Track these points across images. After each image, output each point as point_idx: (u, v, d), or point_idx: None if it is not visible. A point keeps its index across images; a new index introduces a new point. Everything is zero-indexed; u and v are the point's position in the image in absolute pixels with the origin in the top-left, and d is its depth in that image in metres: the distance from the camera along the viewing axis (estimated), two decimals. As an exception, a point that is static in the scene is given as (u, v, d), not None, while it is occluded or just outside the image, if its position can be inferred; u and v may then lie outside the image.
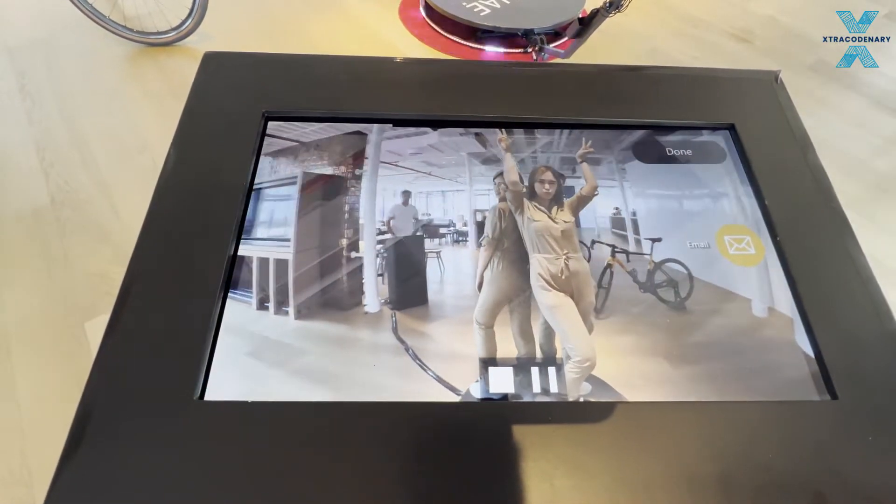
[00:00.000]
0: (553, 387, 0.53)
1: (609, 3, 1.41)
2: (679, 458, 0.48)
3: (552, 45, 1.78)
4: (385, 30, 1.93)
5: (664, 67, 1.13)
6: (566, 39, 1.85)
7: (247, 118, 0.69)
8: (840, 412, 0.51)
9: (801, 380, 0.54)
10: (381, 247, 0.62)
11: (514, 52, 1.88)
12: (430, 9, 1.92)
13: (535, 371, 0.54)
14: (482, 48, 1.88)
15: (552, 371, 0.54)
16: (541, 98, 0.75)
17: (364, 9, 2.00)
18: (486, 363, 0.55)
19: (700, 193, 0.68)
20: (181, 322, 0.54)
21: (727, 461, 0.48)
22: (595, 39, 1.64)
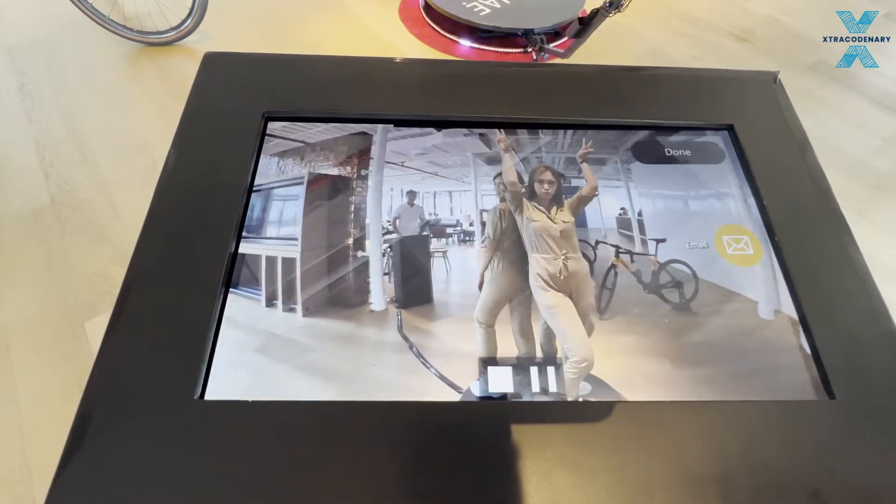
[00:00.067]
0: (552, 386, 0.54)
1: (609, 3, 1.41)
2: (677, 457, 0.48)
3: (552, 45, 1.78)
4: (385, 30, 1.93)
5: (663, 68, 1.13)
6: (566, 39, 1.85)
7: (247, 118, 0.70)
8: (838, 412, 0.51)
9: (799, 379, 0.54)
10: (387, 246, 0.63)
11: (514, 52, 1.88)
12: (430, 9, 1.92)
13: (535, 370, 0.55)
14: (482, 48, 1.88)
15: (551, 371, 0.55)
16: (540, 98, 0.76)
17: (364, 9, 2.00)
18: (486, 362, 0.55)
19: (699, 194, 0.69)
20: (181, 321, 0.54)
21: (726, 460, 0.48)
22: (595, 39, 1.64)
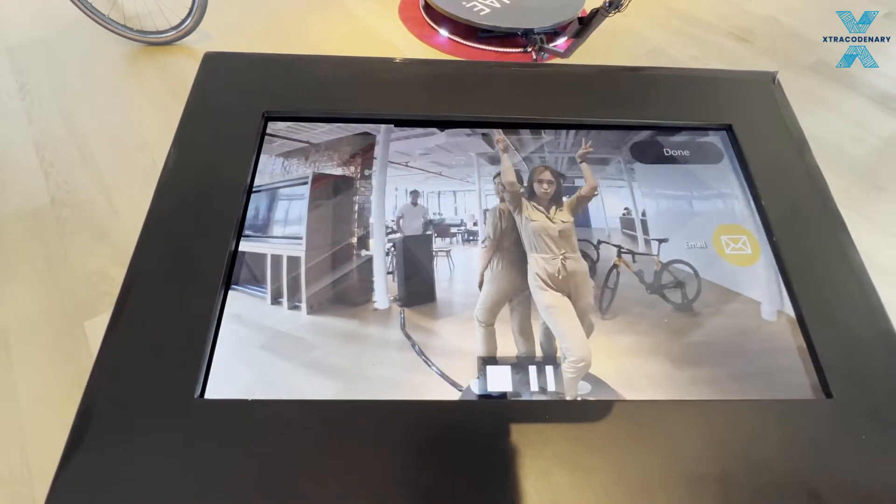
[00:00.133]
0: (550, 385, 0.54)
1: (609, 3, 1.41)
2: (676, 456, 0.49)
3: (552, 45, 1.78)
4: (385, 30, 1.93)
5: (661, 68, 1.13)
6: (566, 39, 1.85)
7: (247, 118, 0.70)
8: (835, 411, 0.52)
9: (797, 379, 0.54)
10: (391, 245, 0.63)
11: (514, 52, 1.88)
12: (430, 9, 1.92)
13: (533, 370, 0.55)
14: (482, 48, 1.88)
15: (550, 370, 0.55)
16: (539, 98, 0.76)
17: (364, 9, 2.00)
18: (485, 361, 0.55)
19: (698, 194, 0.69)
20: (181, 321, 0.54)
21: (724, 459, 0.49)
22: (595, 39, 1.64)
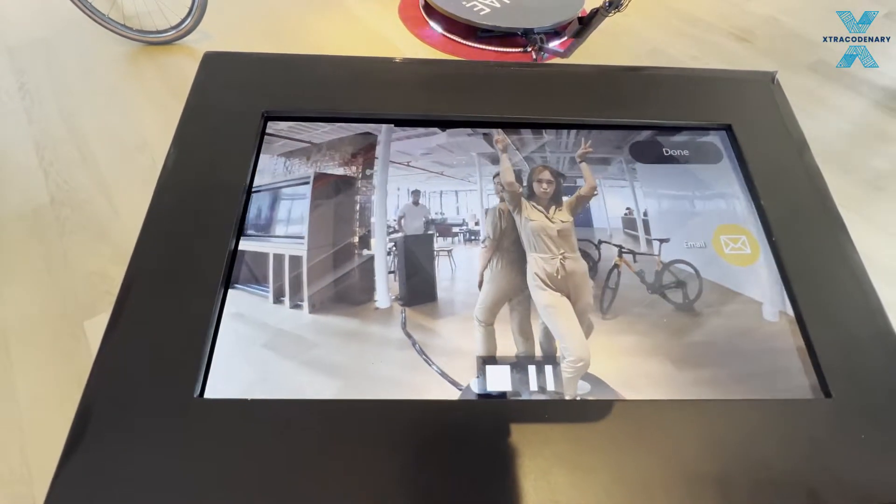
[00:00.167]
0: (550, 385, 0.54)
1: (609, 3, 1.41)
2: (675, 456, 0.49)
3: (552, 45, 1.78)
4: (385, 30, 1.93)
5: (661, 68, 1.13)
6: (566, 39, 1.85)
7: (247, 118, 0.70)
8: (834, 410, 0.52)
9: (796, 378, 0.54)
10: (392, 244, 0.63)
11: (514, 52, 1.88)
12: (430, 8, 1.92)
13: (533, 369, 0.55)
14: (482, 48, 1.88)
15: (549, 369, 0.55)
16: (539, 98, 0.76)
17: (364, 9, 2.00)
18: (485, 361, 0.55)
19: (697, 194, 0.69)
20: (181, 320, 0.54)
21: (723, 459, 0.49)
22: (595, 39, 1.64)
